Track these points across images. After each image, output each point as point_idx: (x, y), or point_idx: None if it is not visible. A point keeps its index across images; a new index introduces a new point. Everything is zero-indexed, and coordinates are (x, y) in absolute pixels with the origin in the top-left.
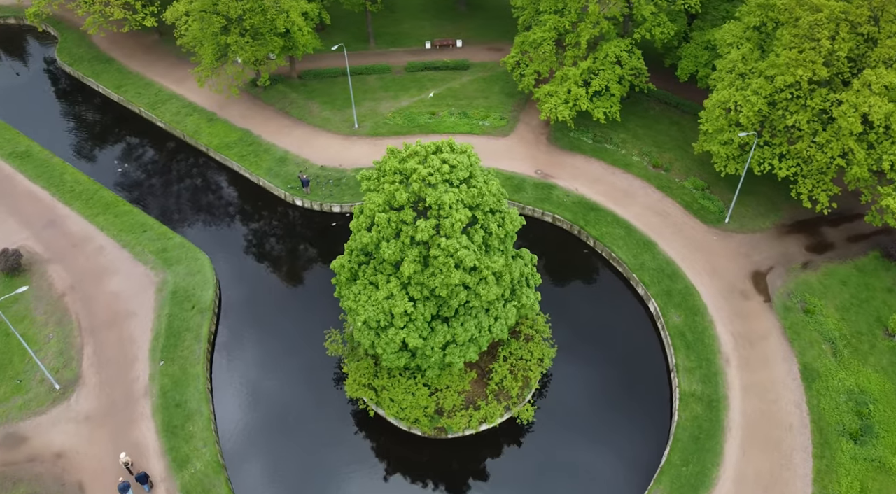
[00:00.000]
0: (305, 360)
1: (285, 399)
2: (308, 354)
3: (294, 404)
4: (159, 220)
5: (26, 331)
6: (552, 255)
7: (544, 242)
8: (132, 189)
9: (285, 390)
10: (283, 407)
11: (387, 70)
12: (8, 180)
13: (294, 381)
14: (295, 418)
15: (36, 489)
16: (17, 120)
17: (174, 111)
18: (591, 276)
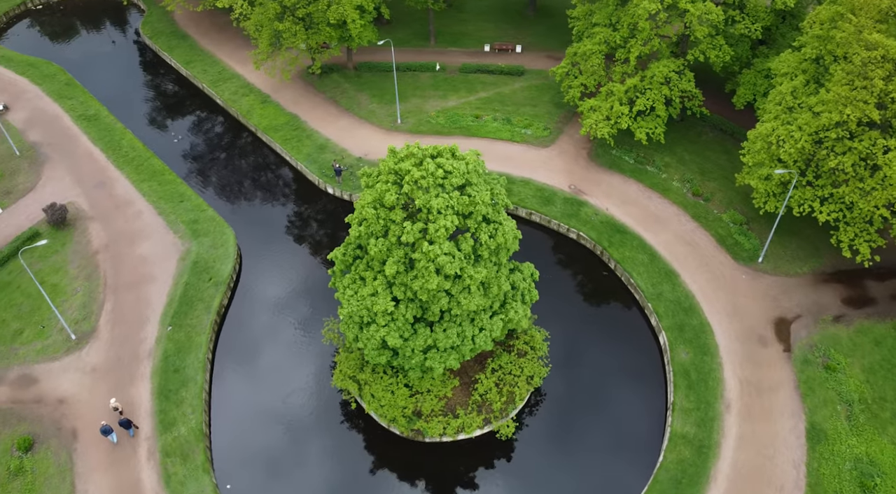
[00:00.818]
0: (309, 346)
1: (280, 380)
2: (312, 340)
3: (287, 386)
4: (197, 192)
5: (59, 282)
6: (569, 273)
7: (564, 259)
8: (180, 160)
9: (282, 371)
10: (275, 387)
11: (441, 69)
12: (73, 140)
13: (293, 364)
14: (284, 399)
15: (35, 429)
16: (94, 85)
17: (232, 90)
18: (605, 300)
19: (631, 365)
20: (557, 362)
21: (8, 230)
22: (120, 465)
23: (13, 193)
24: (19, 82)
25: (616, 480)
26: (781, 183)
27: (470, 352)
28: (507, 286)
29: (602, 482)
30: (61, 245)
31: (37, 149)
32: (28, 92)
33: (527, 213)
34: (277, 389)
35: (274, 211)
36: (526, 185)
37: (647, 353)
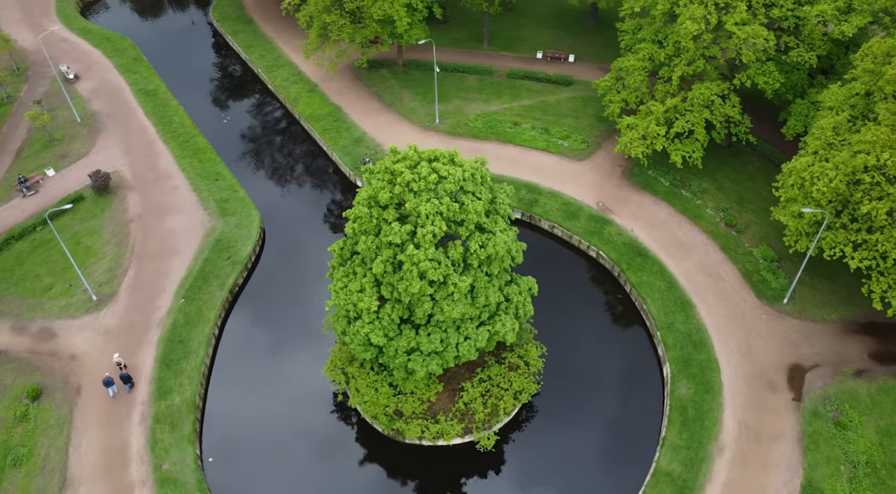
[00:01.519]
0: (314, 333)
1: (280, 363)
2: (318, 328)
3: (285, 370)
4: (233, 173)
5: (92, 244)
6: (582, 292)
7: (579, 277)
8: (224, 140)
9: (283, 355)
10: (274, 370)
11: (489, 72)
12: (130, 112)
13: (295, 349)
14: (280, 383)
15: (45, 380)
16: (160, 61)
17: (284, 77)
18: (614, 323)
19: (629, 394)
20: (555, 380)
21: (56, 191)
22: (113, 425)
23: (68, 157)
24: (93, 54)
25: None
26: (814, 222)
27: (454, 360)
28: (497, 297)
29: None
30: (101, 210)
31: (96, 117)
32: (99, 63)
33: (549, 226)
34: (276, 372)
35: (303, 198)
36: (553, 198)
37: (647, 383)
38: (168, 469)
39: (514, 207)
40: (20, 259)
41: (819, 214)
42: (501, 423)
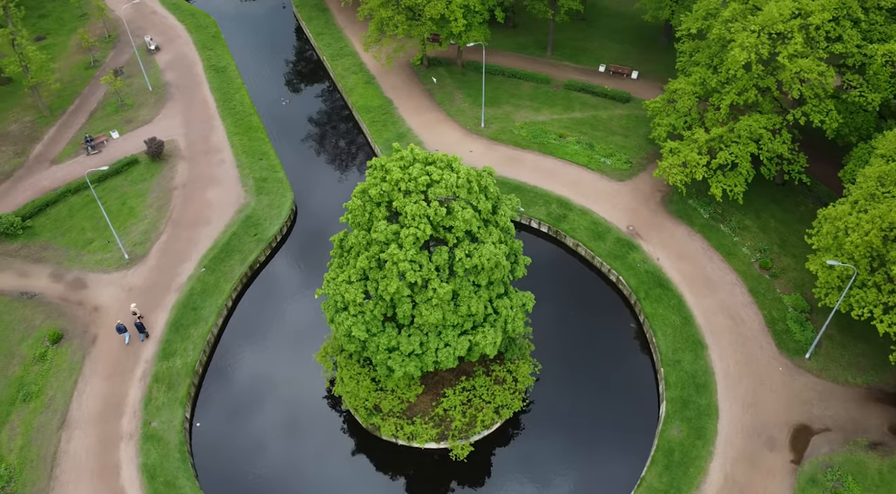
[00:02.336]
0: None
1: (283, 342)
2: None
3: (287, 349)
4: (277, 154)
5: (136, 206)
6: (593, 315)
7: (594, 300)
8: (277, 122)
9: (288, 335)
10: (276, 347)
11: (545, 81)
12: (197, 86)
13: (300, 331)
14: (279, 360)
15: (68, 326)
16: (236, 40)
17: (345, 66)
18: (619, 352)
19: (618, 427)
20: (546, 400)
21: (115, 153)
22: (117, 377)
23: (133, 123)
24: (177, 28)
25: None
26: (847, 276)
27: (433, 364)
28: (482, 308)
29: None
30: (151, 175)
31: (166, 88)
32: (181, 38)
33: (573, 244)
34: (278, 351)
35: (339, 186)
36: (583, 216)
37: (640, 419)
38: (156, 426)
39: (541, 221)
40: (72, 212)
41: (849, 269)
42: (480, 435)
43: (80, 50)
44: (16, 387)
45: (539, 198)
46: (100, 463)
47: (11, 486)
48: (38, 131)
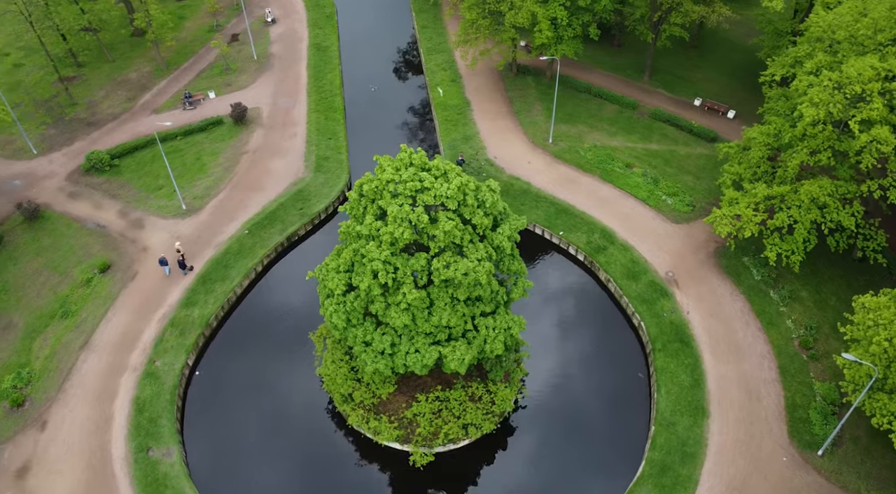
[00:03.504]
0: None
1: (297, 313)
2: None
3: (299, 320)
4: (348, 137)
5: (208, 162)
6: (603, 355)
7: (609, 340)
8: (358, 106)
9: (304, 307)
10: (290, 316)
11: (632, 106)
12: (296, 62)
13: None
14: (288, 330)
15: (115, 259)
16: (347, 22)
17: (437, 62)
18: (616, 400)
19: (587, 476)
20: (526, 429)
21: (206, 112)
22: (140, 315)
23: (230, 86)
24: (297, 4)
25: None
26: (868, 374)
27: (402, 367)
28: (458, 322)
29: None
30: (229, 137)
31: (269, 59)
32: (297, 13)
33: (605, 278)
34: (291, 319)
35: None
36: (623, 251)
37: (613, 475)
38: (158, 366)
39: (579, 248)
40: (154, 158)
41: (870, 368)
42: (444, 448)
43: (209, 14)
44: (59, 304)
45: (584, 224)
46: (102, 387)
47: (27, 388)
48: (151, 82)
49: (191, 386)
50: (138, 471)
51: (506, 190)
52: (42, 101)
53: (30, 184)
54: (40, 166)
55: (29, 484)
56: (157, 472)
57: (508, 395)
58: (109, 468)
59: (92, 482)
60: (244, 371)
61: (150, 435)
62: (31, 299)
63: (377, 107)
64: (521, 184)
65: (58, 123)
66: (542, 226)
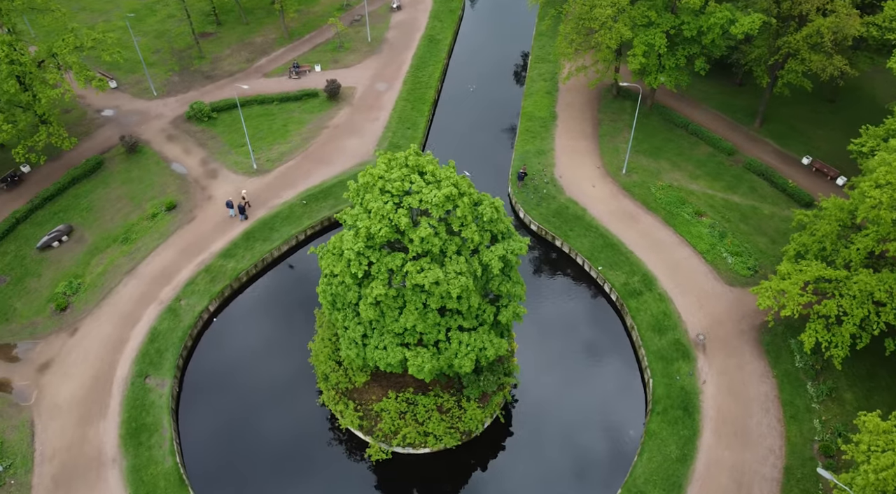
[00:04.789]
0: None
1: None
2: None
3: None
4: (428, 130)
5: (291, 130)
6: (601, 402)
7: (613, 387)
8: (452, 103)
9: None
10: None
11: (728, 152)
12: (405, 50)
13: None
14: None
15: (182, 202)
16: (471, 19)
17: (541, 71)
18: (595, 450)
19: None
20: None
21: (307, 83)
22: (184, 255)
23: (337, 64)
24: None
25: None
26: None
27: (370, 360)
28: (429, 331)
29: None
30: (318, 110)
31: (381, 44)
32: (424, 4)
33: (630, 325)
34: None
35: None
36: (659, 301)
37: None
38: (183, 305)
39: (613, 287)
40: (247, 118)
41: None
42: (402, 449)
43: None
44: (124, 230)
45: (627, 264)
46: (130, 312)
47: (73, 297)
48: (271, 48)
49: (206, 330)
50: (130, 393)
51: (559, 212)
52: (178, 51)
53: (141, 121)
54: (155, 107)
55: (44, 379)
56: (146, 398)
57: (479, 416)
58: (109, 383)
59: (91, 391)
60: (256, 328)
61: (152, 364)
62: (105, 221)
63: (468, 106)
64: (576, 208)
65: (182, 72)
66: (583, 256)
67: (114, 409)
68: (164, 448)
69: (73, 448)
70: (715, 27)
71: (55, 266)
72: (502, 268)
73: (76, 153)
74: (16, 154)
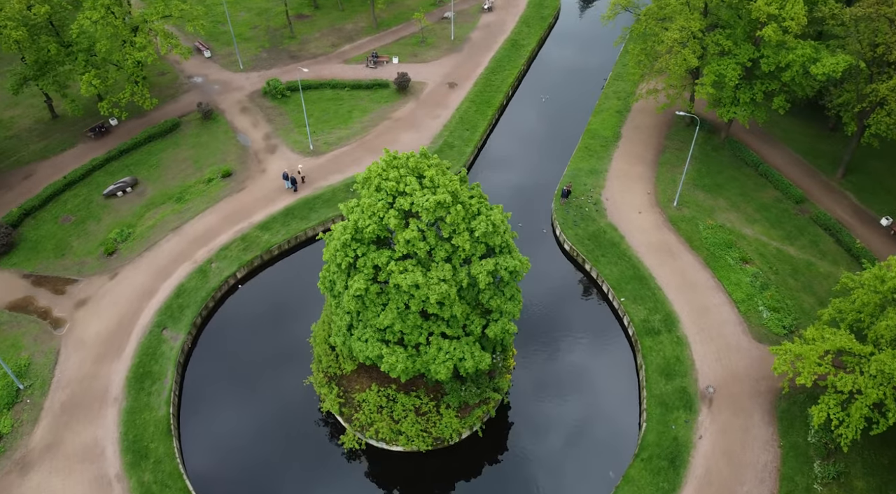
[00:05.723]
0: None
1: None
2: None
3: None
4: (486, 134)
5: (354, 117)
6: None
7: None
8: (520, 110)
9: None
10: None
11: (797, 199)
12: (484, 51)
13: None
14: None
15: (237, 171)
16: (561, 28)
17: (616, 89)
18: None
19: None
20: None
21: (381, 74)
22: (226, 221)
23: (416, 57)
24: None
25: None
26: None
27: (352, 350)
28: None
29: None
30: (385, 101)
31: (463, 43)
32: (517, 7)
33: (639, 364)
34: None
35: (508, 185)
36: (675, 345)
37: None
38: (213, 267)
39: (631, 323)
40: (318, 100)
41: None
42: (373, 441)
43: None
44: (180, 190)
45: (651, 300)
46: (165, 266)
47: (122, 244)
48: (358, 36)
49: (230, 295)
50: (146, 341)
51: (595, 235)
52: (272, 29)
53: (223, 91)
54: (237, 79)
55: (78, 314)
56: (158, 348)
57: (455, 425)
58: (130, 329)
59: (113, 333)
60: (275, 301)
61: (172, 318)
62: (167, 179)
63: (535, 116)
64: (614, 234)
65: (272, 50)
66: (609, 284)
67: (128, 353)
68: (161, 397)
69: (84, 382)
70: (795, 64)
71: (114, 213)
72: (491, 283)
73: (159, 113)
74: (101, 107)
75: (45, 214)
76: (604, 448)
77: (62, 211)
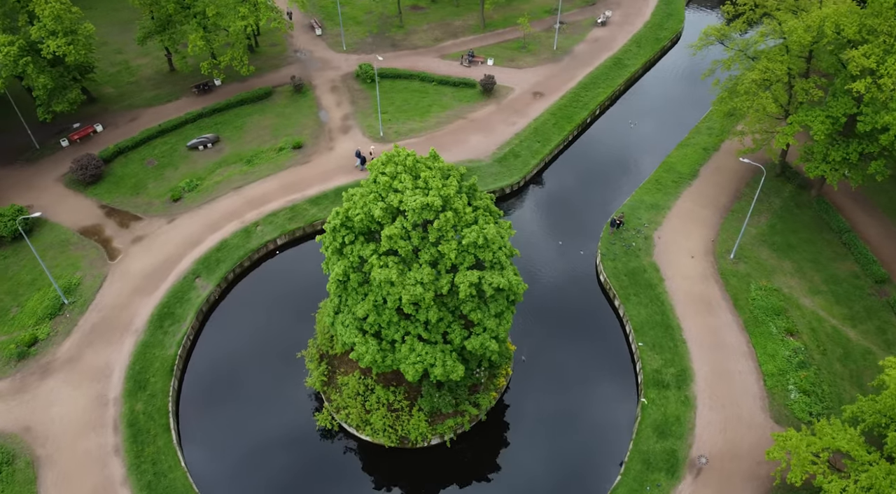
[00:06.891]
0: None
1: None
2: None
3: None
4: (557, 147)
5: (432, 113)
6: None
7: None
8: (602, 130)
9: None
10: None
11: (878, 279)
12: (585, 66)
13: None
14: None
15: (308, 145)
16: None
17: (711, 125)
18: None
19: None
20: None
21: (473, 73)
22: (279, 191)
23: (512, 62)
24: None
25: None
26: None
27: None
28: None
29: None
30: (469, 100)
31: (565, 55)
32: (633, 26)
33: (634, 415)
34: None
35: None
36: (680, 404)
37: None
38: (257, 230)
39: (641, 371)
40: (404, 91)
41: None
42: (345, 424)
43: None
44: (252, 154)
45: (671, 352)
46: (216, 220)
47: (188, 193)
48: (463, 33)
49: (266, 259)
50: (179, 285)
51: (634, 273)
52: (385, 17)
53: (322, 68)
54: (337, 60)
55: (132, 249)
56: (187, 294)
57: (423, 429)
58: (169, 271)
59: (154, 271)
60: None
61: (207, 268)
62: (244, 142)
63: (616, 139)
64: (653, 275)
65: (378, 36)
66: (632, 325)
67: (160, 292)
68: (175, 338)
69: (116, 309)
70: (894, 127)
71: (191, 165)
72: (474, 295)
73: (259, 79)
74: (202, 66)
75: (135, 155)
76: (569, 489)
77: (149, 154)
